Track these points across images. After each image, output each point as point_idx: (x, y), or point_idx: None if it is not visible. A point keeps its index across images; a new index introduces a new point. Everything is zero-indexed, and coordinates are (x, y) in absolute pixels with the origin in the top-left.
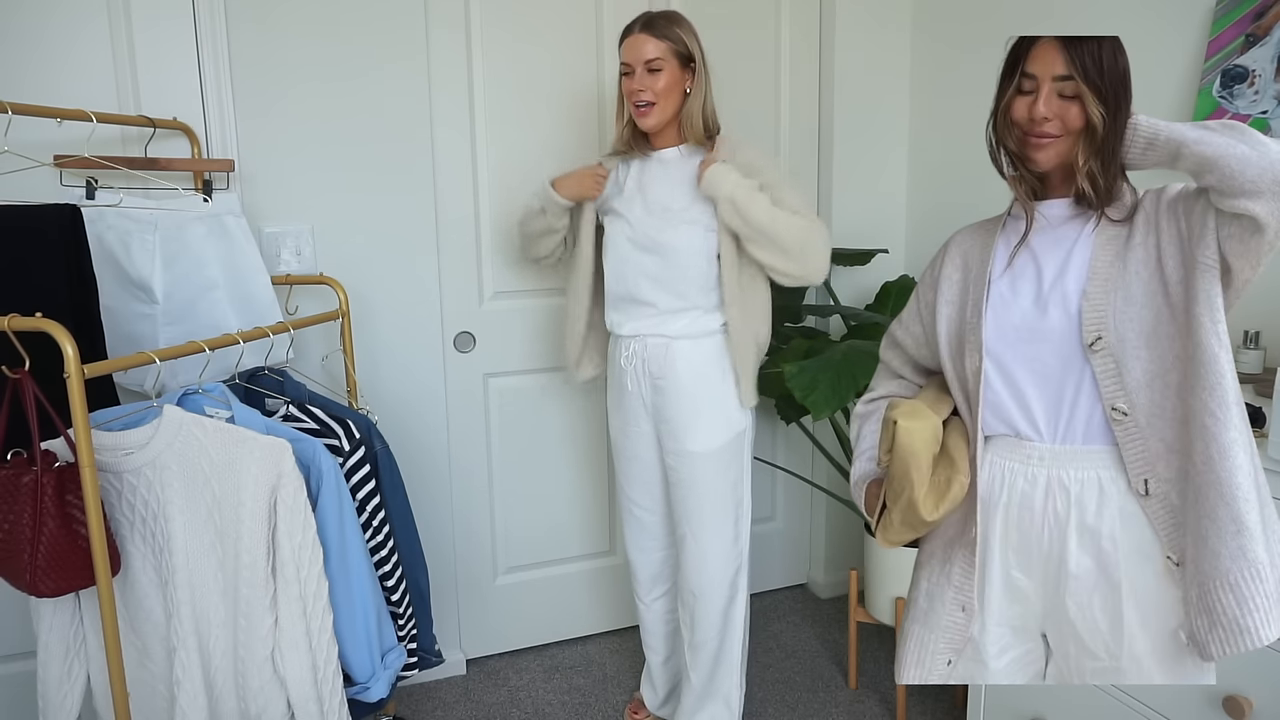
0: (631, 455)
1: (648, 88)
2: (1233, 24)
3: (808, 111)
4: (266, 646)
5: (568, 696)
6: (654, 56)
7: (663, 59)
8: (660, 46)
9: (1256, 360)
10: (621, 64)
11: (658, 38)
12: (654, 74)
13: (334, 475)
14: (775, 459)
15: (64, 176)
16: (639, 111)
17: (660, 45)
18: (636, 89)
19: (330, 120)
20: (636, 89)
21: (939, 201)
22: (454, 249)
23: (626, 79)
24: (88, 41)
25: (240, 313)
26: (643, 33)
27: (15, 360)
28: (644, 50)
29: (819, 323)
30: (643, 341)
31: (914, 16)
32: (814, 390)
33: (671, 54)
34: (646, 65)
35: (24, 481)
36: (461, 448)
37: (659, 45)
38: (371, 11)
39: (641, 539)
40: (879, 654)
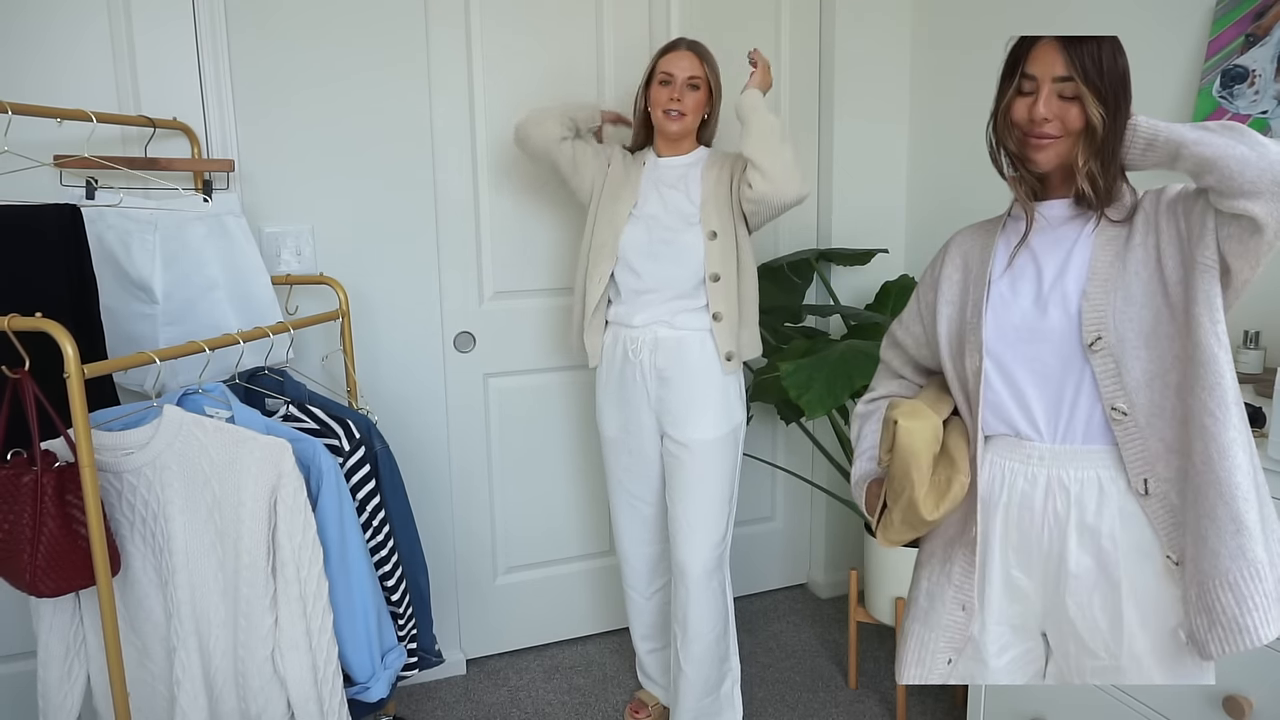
0: (634, 450)
1: (685, 99)
2: (1233, 24)
3: (808, 111)
4: (266, 646)
5: (568, 696)
6: (696, 75)
7: (701, 80)
8: (702, 68)
9: (1256, 360)
10: (661, 73)
11: (702, 60)
12: (692, 90)
13: (334, 475)
14: (775, 459)
15: (64, 176)
16: (669, 118)
17: (702, 67)
18: (674, 98)
19: (330, 120)
20: (674, 98)
21: (939, 201)
22: (454, 249)
23: (663, 87)
24: (88, 42)
25: (240, 313)
26: (690, 51)
27: (15, 360)
28: (689, 67)
29: (819, 322)
30: (653, 333)
31: (914, 16)
32: (808, 390)
33: (706, 79)
34: (688, 80)
35: (24, 481)
36: (461, 448)
37: (700, 66)
38: (372, 12)
39: (642, 533)
40: (879, 654)
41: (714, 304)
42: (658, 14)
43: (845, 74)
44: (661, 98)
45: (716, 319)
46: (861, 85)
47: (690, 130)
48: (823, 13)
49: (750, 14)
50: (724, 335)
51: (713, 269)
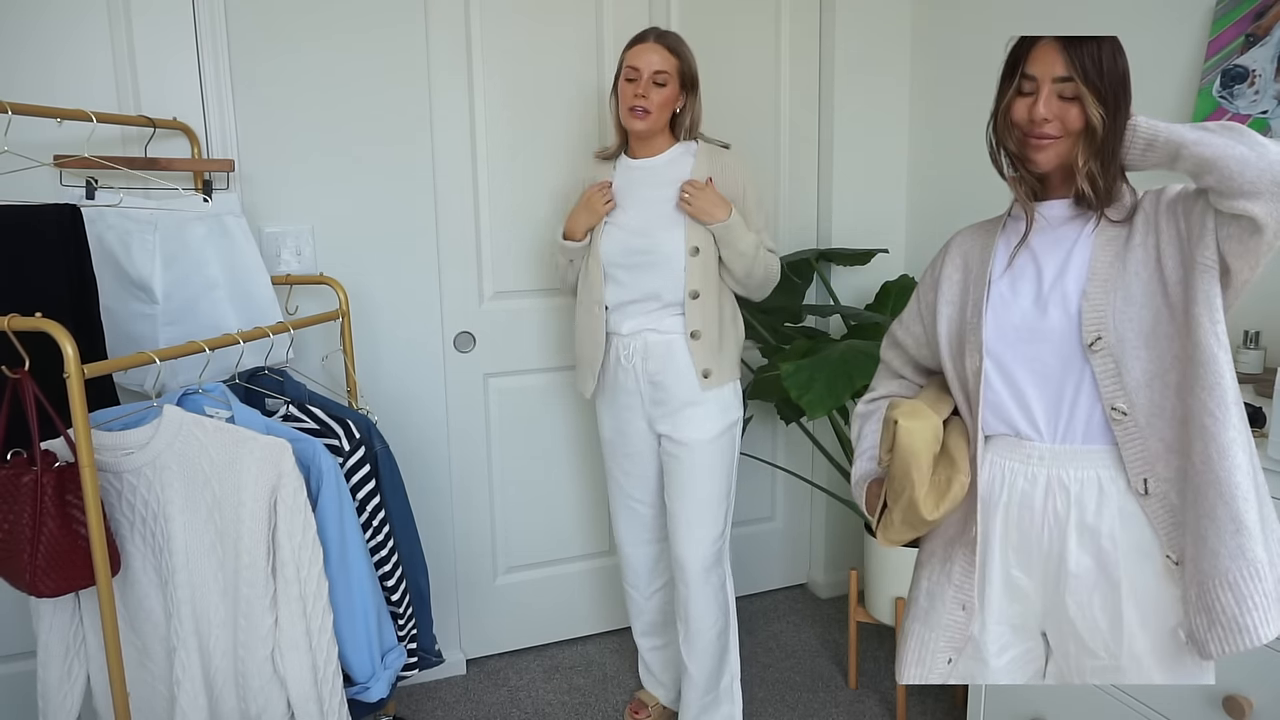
0: (629, 452)
1: (649, 95)
2: (1233, 24)
3: (808, 111)
4: (266, 646)
5: (568, 696)
6: (662, 69)
7: (669, 75)
8: (670, 62)
9: (1256, 360)
10: (627, 67)
11: (670, 53)
12: (658, 87)
13: (334, 475)
14: (775, 459)
15: (64, 176)
16: (635, 115)
17: (671, 61)
18: (639, 94)
19: (331, 120)
20: (639, 94)
21: (939, 201)
22: (454, 249)
23: (628, 84)
24: (88, 41)
25: (240, 313)
26: (657, 44)
27: (15, 360)
28: (654, 61)
29: (819, 322)
30: (643, 339)
31: (914, 16)
32: (809, 389)
33: (677, 72)
34: (653, 76)
35: (24, 481)
36: (461, 448)
37: (669, 60)
38: (372, 12)
39: (640, 533)
40: (879, 654)
41: (691, 321)
42: (658, 14)
43: (845, 74)
44: (627, 94)
45: (694, 337)
46: (861, 85)
47: (658, 128)
48: (823, 13)
49: (750, 14)
50: (702, 353)
51: (692, 285)
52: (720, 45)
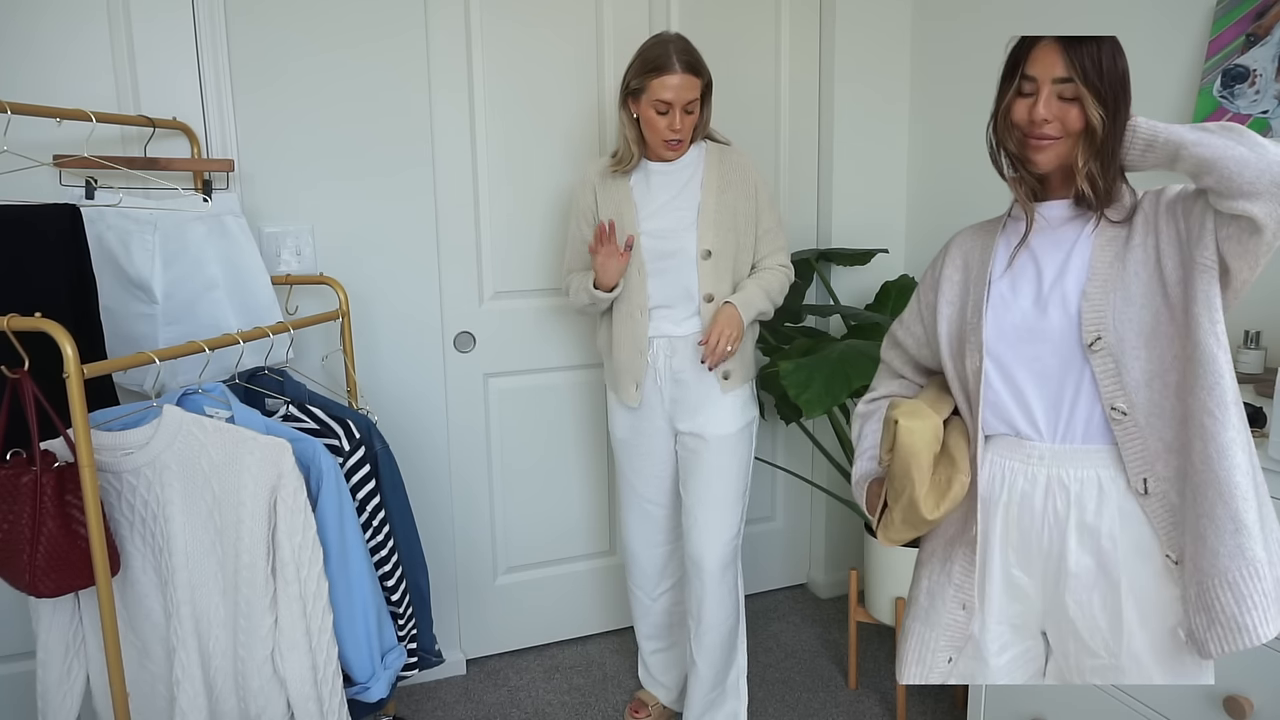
0: (645, 452)
1: (685, 127)
2: (1233, 24)
3: (808, 111)
4: (266, 646)
5: (568, 696)
6: (694, 99)
7: (698, 99)
8: (698, 86)
9: (1256, 360)
10: (657, 100)
11: (697, 78)
12: (689, 115)
13: (334, 475)
14: (775, 459)
15: (64, 176)
16: (671, 146)
17: (698, 85)
18: (675, 128)
19: (331, 120)
20: (675, 128)
21: (939, 201)
22: (454, 249)
23: (661, 116)
24: (87, 41)
25: (240, 313)
26: (687, 74)
27: (15, 360)
28: (685, 95)
29: (819, 322)
30: (669, 341)
31: (914, 16)
32: (807, 389)
33: (701, 90)
34: (686, 106)
35: (23, 481)
36: (461, 448)
37: (697, 85)
38: (372, 12)
39: (652, 534)
40: (879, 654)
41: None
42: (658, 14)
43: (845, 74)
44: (660, 126)
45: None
46: (861, 85)
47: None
48: (823, 13)
49: (750, 14)
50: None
51: (706, 289)
52: (720, 45)
